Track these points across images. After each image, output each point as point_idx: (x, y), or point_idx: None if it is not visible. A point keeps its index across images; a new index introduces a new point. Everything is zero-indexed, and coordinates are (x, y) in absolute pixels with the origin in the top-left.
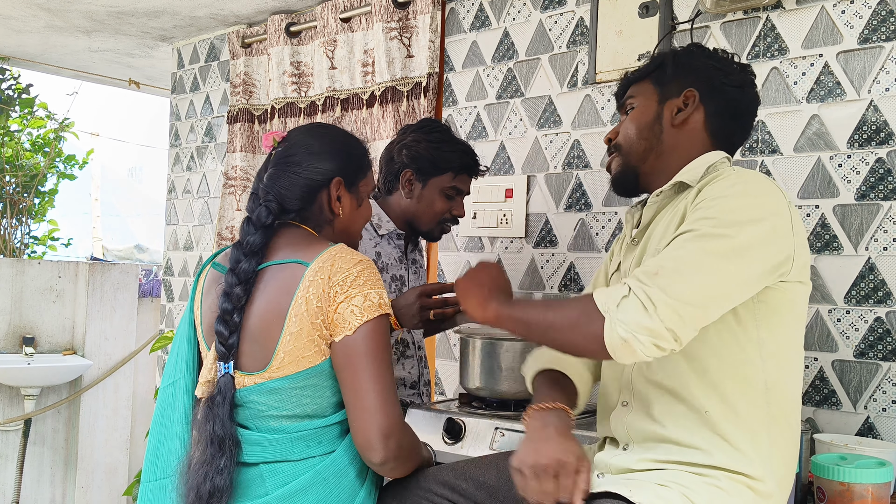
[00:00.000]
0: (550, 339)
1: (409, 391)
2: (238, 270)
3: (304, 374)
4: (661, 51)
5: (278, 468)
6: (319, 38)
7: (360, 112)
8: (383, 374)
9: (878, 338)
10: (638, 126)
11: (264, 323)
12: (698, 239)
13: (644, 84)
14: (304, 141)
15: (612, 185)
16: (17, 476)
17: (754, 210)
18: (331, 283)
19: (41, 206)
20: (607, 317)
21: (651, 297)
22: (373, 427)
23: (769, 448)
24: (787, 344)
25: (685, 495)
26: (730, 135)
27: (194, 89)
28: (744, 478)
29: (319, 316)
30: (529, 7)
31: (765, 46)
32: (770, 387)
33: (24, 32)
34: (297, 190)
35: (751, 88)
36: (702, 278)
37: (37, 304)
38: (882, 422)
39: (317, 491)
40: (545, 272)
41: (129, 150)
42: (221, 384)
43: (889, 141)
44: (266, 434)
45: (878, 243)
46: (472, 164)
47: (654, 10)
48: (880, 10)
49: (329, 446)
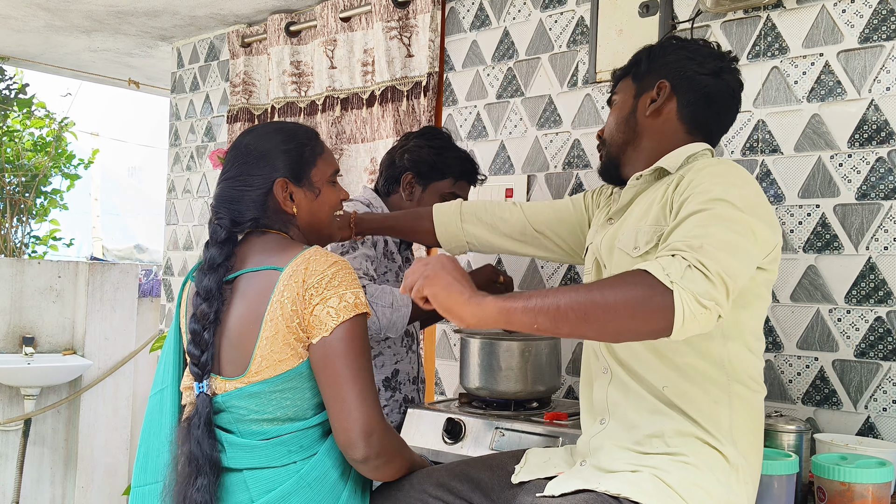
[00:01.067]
0: (600, 325)
1: (411, 386)
2: (201, 289)
3: (283, 378)
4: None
5: (261, 475)
6: (319, 38)
7: (360, 112)
8: (362, 373)
9: (879, 337)
10: (617, 120)
11: (241, 329)
12: (719, 220)
13: (626, 81)
14: (239, 151)
15: (599, 173)
16: (17, 476)
17: (758, 196)
18: (305, 285)
19: (42, 207)
20: (675, 288)
21: (707, 265)
22: (353, 425)
23: (730, 420)
24: (749, 327)
25: (657, 476)
26: (705, 122)
27: (194, 89)
28: (710, 449)
29: (295, 319)
30: (529, 6)
31: (765, 46)
32: (728, 364)
33: (24, 32)
34: (245, 202)
35: (728, 75)
36: (736, 255)
37: (37, 303)
38: (882, 422)
39: (301, 496)
40: (545, 272)
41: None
42: (198, 404)
43: (890, 140)
44: (248, 439)
45: (878, 243)
46: (471, 171)
47: (655, 10)
48: (881, 10)
49: (311, 449)
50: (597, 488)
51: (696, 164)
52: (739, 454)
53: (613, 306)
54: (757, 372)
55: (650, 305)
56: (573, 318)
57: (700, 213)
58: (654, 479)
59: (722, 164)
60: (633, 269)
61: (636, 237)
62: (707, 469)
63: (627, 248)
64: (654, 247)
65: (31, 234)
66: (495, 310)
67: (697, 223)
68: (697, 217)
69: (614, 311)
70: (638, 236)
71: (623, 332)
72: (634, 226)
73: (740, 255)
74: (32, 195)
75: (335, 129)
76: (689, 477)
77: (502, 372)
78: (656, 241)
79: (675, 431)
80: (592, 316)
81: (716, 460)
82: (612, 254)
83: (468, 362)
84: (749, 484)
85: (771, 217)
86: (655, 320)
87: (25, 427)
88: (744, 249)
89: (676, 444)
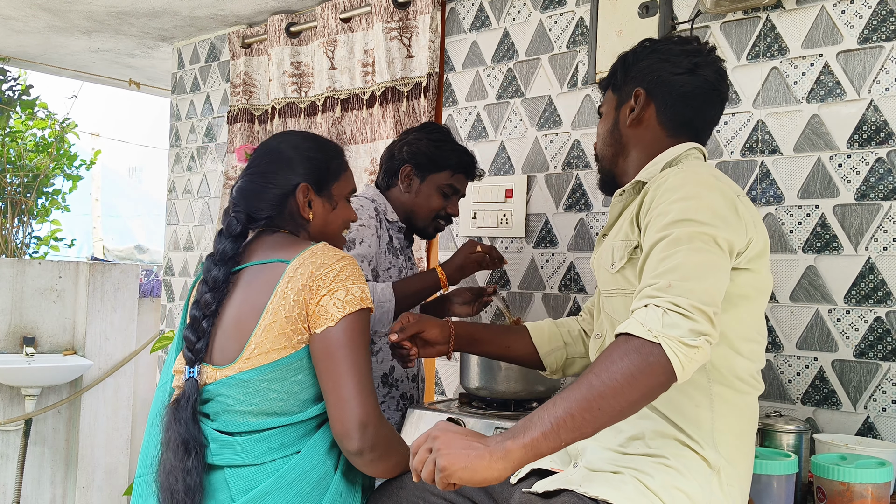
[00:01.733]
0: (615, 408)
1: (409, 384)
2: (209, 278)
3: (272, 366)
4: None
5: (241, 473)
6: (319, 39)
7: (361, 112)
8: (361, 366)
9: (878, 338)
10: (603, 134)
11: (239, 319)
12: (678, 245)
13: (608, 93)
14: (268, 150)
15: (599, 188)
16: (18, 476)
17: (719, 200)
18: (313, 277)
19: (43, 207)
20: (661, 340)
21: (681, 304)
22: (350, 416)
23: (712, 423)
24: (735, 329)
25: (638, 479)
26: (689, 122)
27: (194, 89)
28: (690, 451)
29: (296, 309)
30: (529, 7)
31: (765, 46)
32: (709, 366)
33: (25, 33)
34: (264, 199)
35: (705, 69)
36: (706, 276)
37: (37, 304)
38: (882, 421)
39: (279, 495)
40: (545, 272)
41: (129, 150)
42: (187, 388)
43: (889, 141)
44: (230, 435)
45: (878, 243)
46: (469, 165)
47: (654, 10)
48: (880, 10)
49: (292, 448)
50: (577, 489)
51: (661, 176)
52: (721, 457)
53: (617, 386)
54: (747, 373)
55: (647, 368)
56: (590, 418)
57: (660, 243)
58: (635, 482)
59: (680, 174)
60: (616, 338)
61: (612, 253)
62: (688, 472)
63: (606, 264)
64: (629, 261)
65: (32, 235)
66: (521, 451)
67: (660, 256)
68: (659, 248)
69: (619, 390)
70: (614, 252)
71: (637, 401)
72: (611, 242)
73: (709, 273)
74: (34, 196)
75: (335, 130)
76: (671, 480)
77: (502, 372)
78: (628, 256)
79: (655, 433)
80: (605, 406)
81: (696, 463)
82: (600, 271)
83: (468, 362)
84: (734, 487)
85: (735, 219)
86: (658, 377)
87: (26, 427)
88: (711, 265)
89: (657, 445)
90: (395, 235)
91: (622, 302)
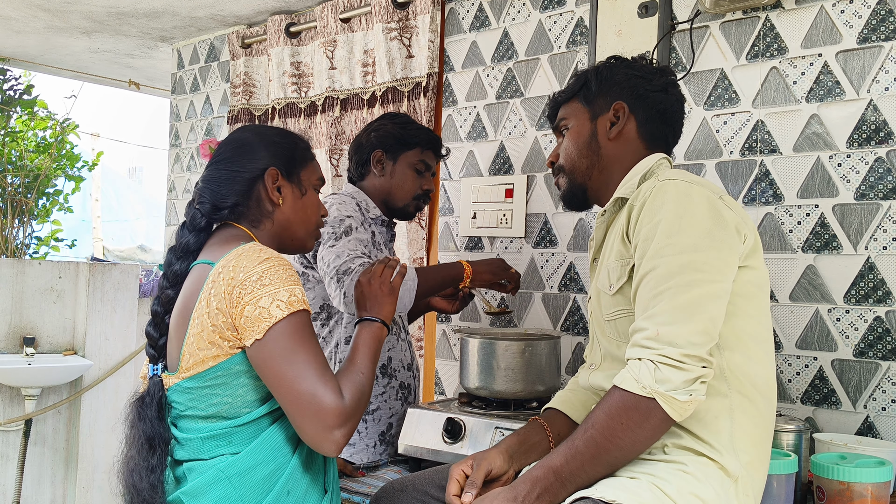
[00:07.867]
0: (617, 458)
1: (406, 373)
2: (169, 273)
3: (210, 373)
4: (582, 69)
5: (194, 466)
6: (319, 39)
7: (361, 112)
8: (303, 374)
9: (878, 337)
10: (577, 146)
11: (177, 324)
12: (667, 279)
13: (573, 104)
14: (232, 139)
15: (562, 201)
16: (18, 476)
17: (702, 213)
18: (233, 283)
19: (44, 208)
20: (654, 396)
21: (670, 356)
22: (311, 428)
23: (731, 431)
24: (748, 331)
25: (655, 484)
26: (663, 137)
27: (194, 90)
28: (708, 460)
29: (220, 317)
30: (529, 7)
31: (764, 46)
32: (729, 374)
33: (25, 33)
34: (231, 185)
35: (673, 88)
36: (697, 312)
37: (37, 304)
38: (882, 421)
39: (218, 489)
40: (545, 272)
41: (129, 150)
42: (151, 385)
43: (888, 140)
44: (185, 434)
45: (877, 242)
46: (436, 140)
47: (654, 10)
48: (879, 10)
49: (238, 447)
50: (593, 495)
51: (642, 189)
52: (741, 465)
53: (620, 442)
54: (761, 381)
55: (645, 421)
56: (601, 469)
57: (649, 275)
58: (652, 488)
59: (659, 188)
60: (612, 393)
61: (608, 275)
62: (705, 479)
63: (604, 287)
64: (627, 282)
65: (32, 235)
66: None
67: (649, 294)
68: (648, 283)
69: (621, 444)
70: (610, 274)
71: (640, 449)
72: (605, 264)
73: (699, 309)
74: (34, 196)
75: (335, 130)
76: (687, 486)
77: (502, 372)
78: (627, 276)
79: (674, 444)
80: (610, 459)
81: (714, 470)
82: (600, 296)
83: (468, 362)
84: (749, 496)
85: (722, 227)
86: (657, 423)
87: (26, 427)
88: (701, 298)
89: (675, 453)
90: (378, 230)
91: (629, 322)
